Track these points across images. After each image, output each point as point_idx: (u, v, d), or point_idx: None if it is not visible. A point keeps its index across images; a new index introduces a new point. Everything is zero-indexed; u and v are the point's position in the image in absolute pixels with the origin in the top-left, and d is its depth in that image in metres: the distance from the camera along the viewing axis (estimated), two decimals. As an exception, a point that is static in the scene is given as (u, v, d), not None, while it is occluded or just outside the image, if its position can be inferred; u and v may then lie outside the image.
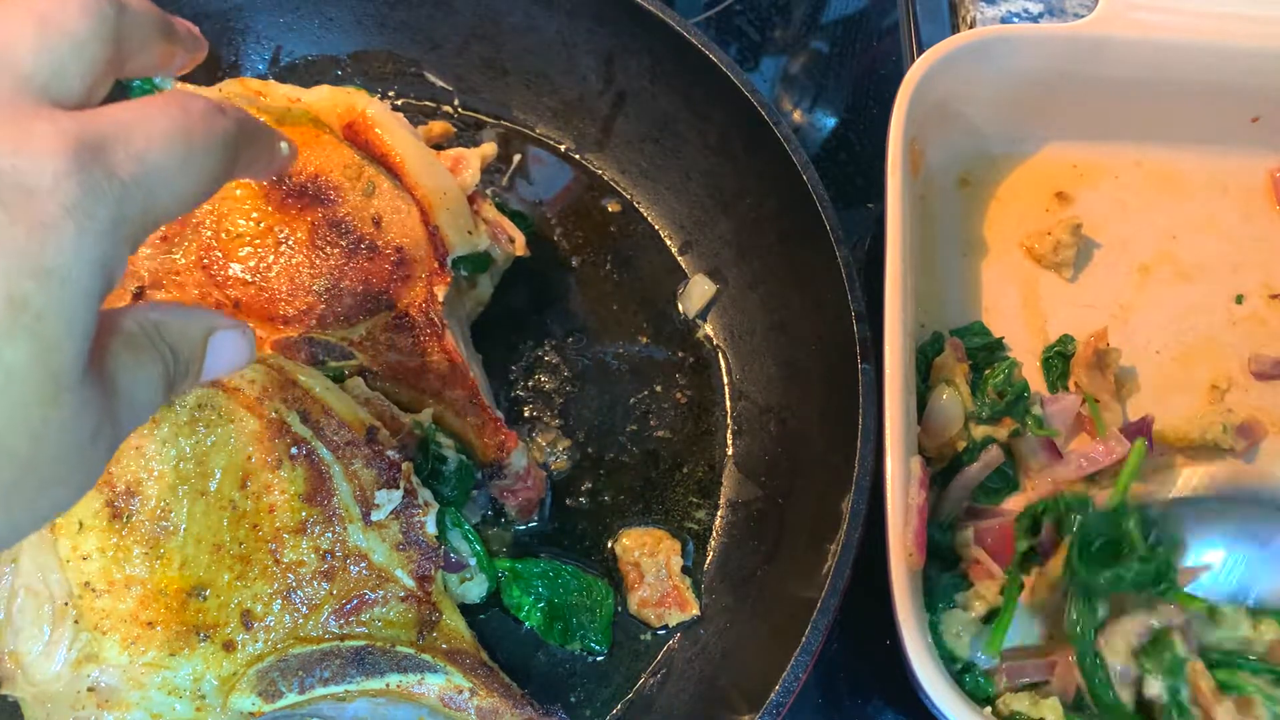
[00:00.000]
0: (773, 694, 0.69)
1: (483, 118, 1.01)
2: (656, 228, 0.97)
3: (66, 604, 0.67)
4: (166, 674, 0.67)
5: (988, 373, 0.89)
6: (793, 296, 0.89)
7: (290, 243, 0.75)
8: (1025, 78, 0.96)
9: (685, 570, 0.84)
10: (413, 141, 0.80)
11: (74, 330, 0.37)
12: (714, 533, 0.86)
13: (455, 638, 0.72)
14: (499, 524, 0.84)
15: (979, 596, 0.79)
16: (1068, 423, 0.88)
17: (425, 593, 0.71)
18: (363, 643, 0.69)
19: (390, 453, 0.70)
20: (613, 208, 0.98)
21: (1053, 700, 0.76)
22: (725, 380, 0.91)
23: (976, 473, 0.84)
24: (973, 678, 0.78)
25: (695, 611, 0.82)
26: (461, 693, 0.70)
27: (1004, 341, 0.93)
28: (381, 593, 0.70)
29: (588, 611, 0.81)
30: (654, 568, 0.82)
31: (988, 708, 0.76)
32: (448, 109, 1.01)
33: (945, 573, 0.82)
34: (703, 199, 0.96)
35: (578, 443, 0.88)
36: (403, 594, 0.70)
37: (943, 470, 0.85)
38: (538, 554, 0.83)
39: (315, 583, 0.68)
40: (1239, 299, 0.96)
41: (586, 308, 0.94)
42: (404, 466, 0.70)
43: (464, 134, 1.00)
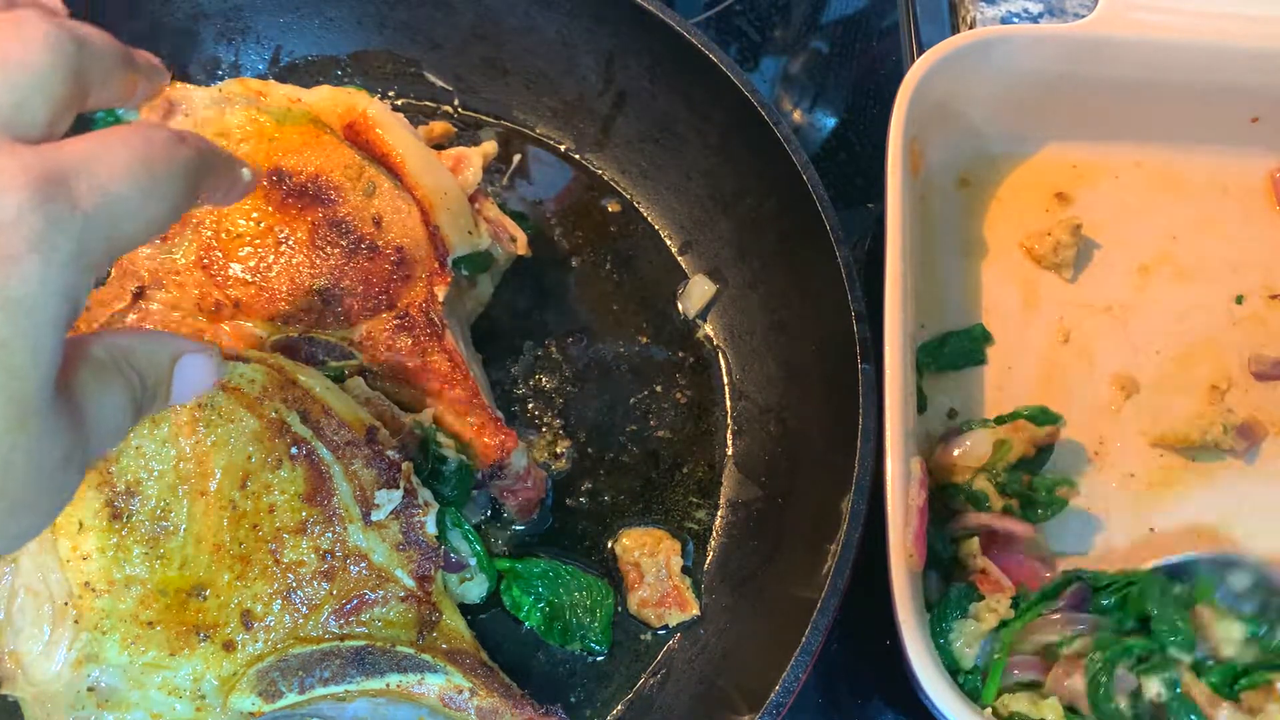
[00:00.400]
0: (773, 694, 0.69)
1: (483, 118, 1.01)
2: (656, 228, 0.98)
3: (66, 604, 0.67)
4: (166, 674, 0.67)
5: (1042, 479, 0.85)
6: (793, 296, 0.89)
7: (290, 242, 0.75)
8: (1025, 78, 0.96)
9: (685, 570, 0.84)
10: (413, 141, 0.80)
11: (39, 359, 0.38)
12: (714, 533, 0.86)
13: (455, 638, 0.72)
14: (499, 524, 0.84)
15: (990, 609, 0.78)
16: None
17: (425, 593, 0.71)
18: (363, 643, 0.69)
19: (390, 453, 0.70)
20: (613, 208, 0.98)
21: (1052, 700, 0.76)
22: (725, 380, 0.91)
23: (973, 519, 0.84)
24: (970, 679, 0.78)
25: (695, 611, 0.82)
26: (461, 693, 0.70)
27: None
28: (381, 593, 0.70)
29: (588, 611, 0.81)
30: (654, 568, 0.82)
31: (987, 709, 0.76)
32: (448, 109, 1.01)
33: (955, 584, 0.81)
34: (703, 199, 0.96)
35: (578, 443, 0.88)
36: (403, 594, 0.70)
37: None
38: (538, 554, 0.83)
39: (315, 583, 0.68)
40: (1239, 299, 0.96)
41: (586, 308, 0.94)
42: (404, 466, 0.70)
43: (464, 134, 1.00)
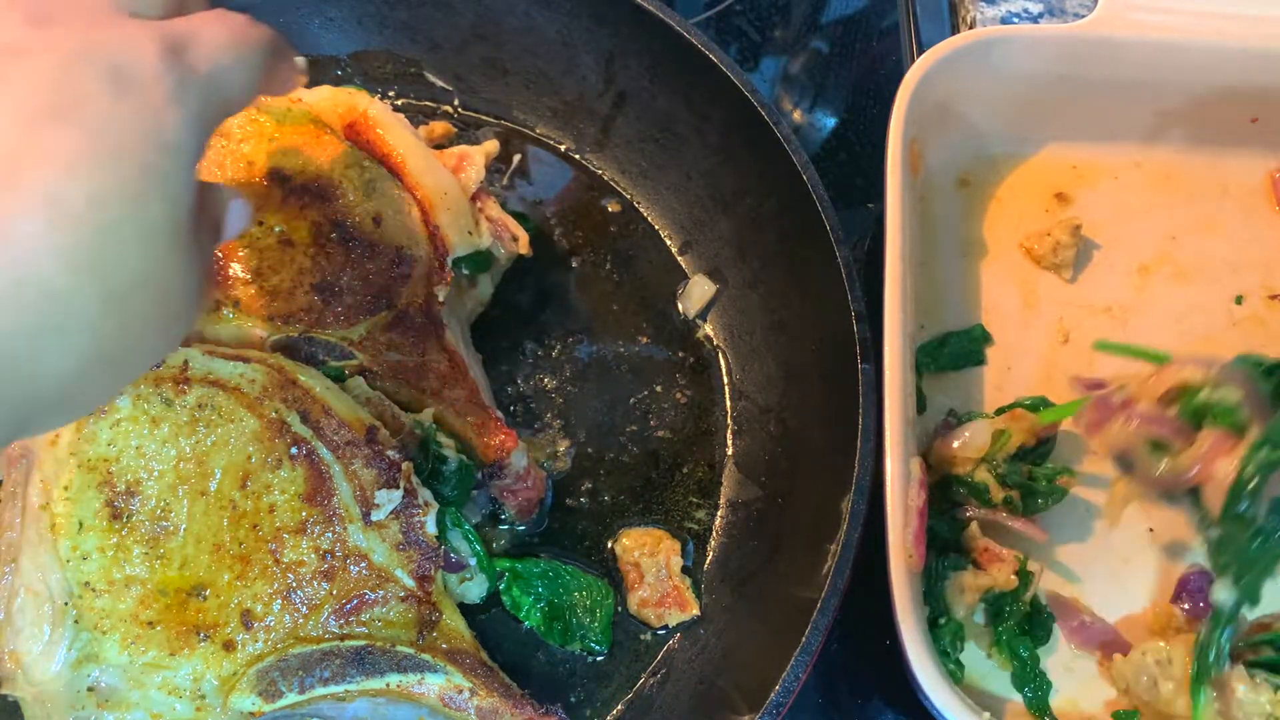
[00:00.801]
0: (773, 694, 0.69)
1: (483, 118, 1.01)
2: (656, 228, 0.98)
3: (66, 604, 0.67)
4: (166, 674, 0.67)
5: (1042, 468, 0.85)
6: (793, 296, 0.89)
7: (290, 242, 0.75)
8: (1025, 78, 0.96)
9: (685, 570, 0.84)
10: (413, 141, 0.80)
11: (189, 187, 0.46)
12: (714, 533, 0.86)
13: (455, 638, 0.72)
14: (499, 524, 0.84)
15: (989, 578, 0.80)
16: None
17: (425, 593, 0.71)
18: (363, 643, 0.69)
19: (390, 453, 0.70)
20: (613, 208, 0.98)
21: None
22: (725, 380, 0.91)
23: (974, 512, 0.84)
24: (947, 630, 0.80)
25: (695, 611, 0.82)
26: (461, 693, 0.70)
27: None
28: (381, 593, 0.70)
29: (588, 611, 0.81)
30: (654, 568, 0.82)
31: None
32: (448, 109, 1.01)
33: (951, 555, 0.83)
34: (703, 199, 0.96)
35: (578, 443, 0.88)
36: (403, 594, 0.70)
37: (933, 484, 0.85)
38: (538, 554, 0.83)
39: (315, 583, 0.68)
40: (1239, 299, 0.96)
41: (586, 308, 0.94)
42: (404, 466, 0.70)
43: (464, 134, 1.00)
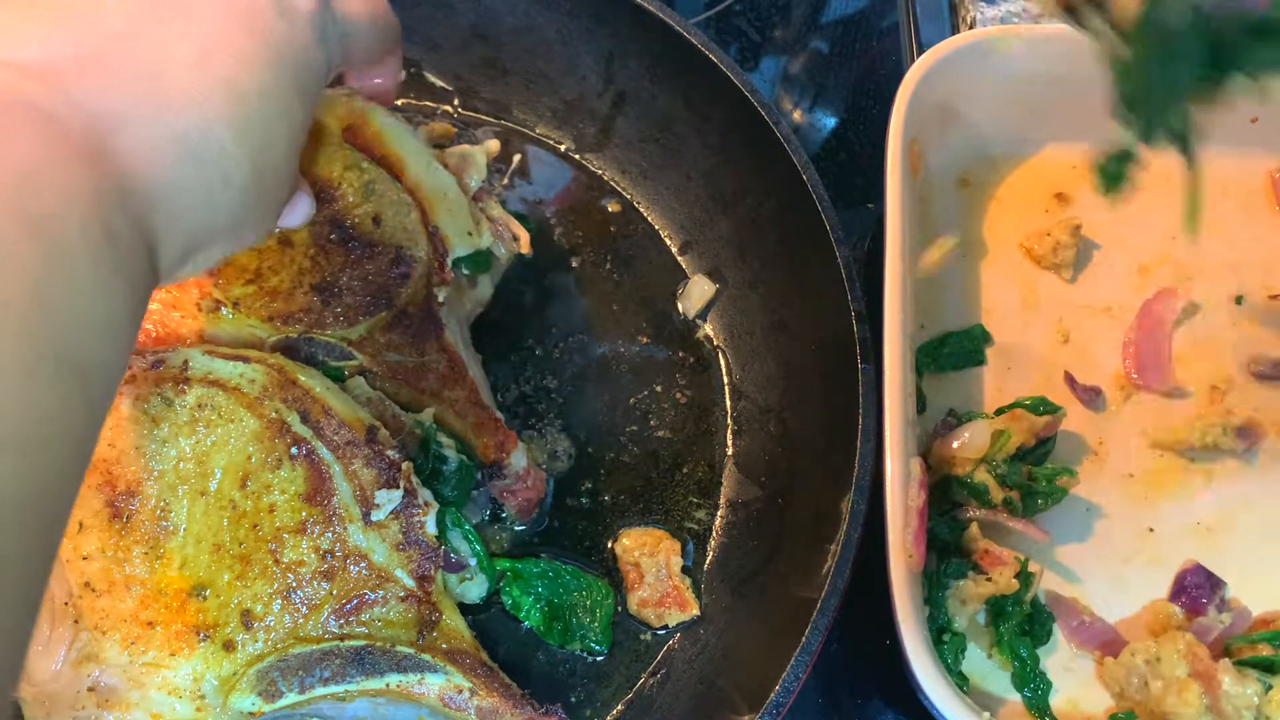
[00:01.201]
0: (773, 694, 0.69)
1: (483, 118, 1.01)
2: (656, 228, 0.98)
3: (66, 604, 0.67)
4: (166, 674, 0.67)
5: (1042, 469, 0.86)
6: (793, 296, 0.89)
7: (290, 242, 0.75)
8: (1025, 78, 0.96)
9: (685, 570, 0.84)
10: (413, 143, 0.80)
11: (309, 116, 0.57)
12: (714, 533, 0.86)
13: (455, 638, 0.72)
14: (499, 524, 0.84)
15: (992, 585, 0.80)
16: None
17: (425, 593, 0.71)
18: (363, 643, 0.69)
19: (390, 452, 0.70)
20: (613, 208, 0.98)
21: None
22: (725, 380, 0.91)
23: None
24: (952, 646, 0.80)
25: (695, 611, 0.82)
26: (461, 693, 0.70)
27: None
28: (381, 593, 0.70)
29: (588, 611, 0.81)
30: (654, 568, 0.82)
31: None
32: (447, 109, 1.01)
33: (952, 559, 0.83)
34: (703, 199, 0.96)
35: (578, 442, 0.88)
36: (403, 594, 0.70)
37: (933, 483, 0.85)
38: (538, 554, 0.83)
39: (315, 582, 0.68)
40: (1239, 299, 0.96)
41: (586, 308, 0.94)
42: (404, 466, 0.70)
43: (464, 134, 1.00)
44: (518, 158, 0.99)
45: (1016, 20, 1.05)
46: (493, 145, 0.88)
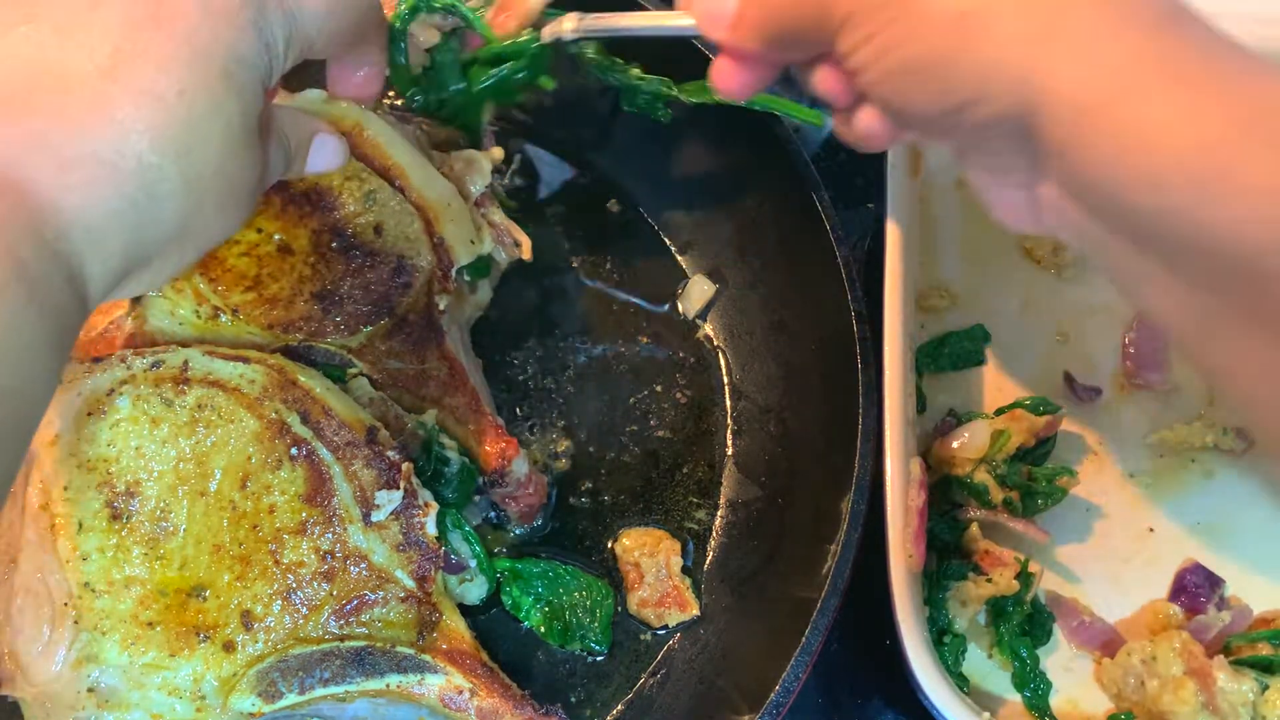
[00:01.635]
0: (773, 694, 0.69)
1: (482, 118, 1.01)
2: (656, 228, 0.97)
3: (66, 604, 0.67)
4: (166, 674, 0.67)
5: (1042, 469, 0.86)
6: (793, 296, 0.89)
7: (290, 250, 0.75)
8: (1025, 78, 0.96)
9: (685, 570, 0.84)
10: (413, 153, 0.80)
11: (259, 99, 0.54)
12: (714, 533, 0.86)
13: (455, 638, 0.72)
14: (499, 525, 0.84)
15: (992, 587, 0.80)
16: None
17: (425, 593, 0.71)
18: (363, 643, 0.69)
19: (390, 453, 0.70)
20: (613, 208, 0.98)
21: None
22: (725, 380, 0.91)
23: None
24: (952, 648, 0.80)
25: (695, 611, 0.82)
26: (461, 693, 0.70)
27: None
28: (381, 593, 0.70)
29: (588, 611, 0.81)
30: (654, 568, 0.82)
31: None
32: (447, 109, 1.01)
33: (952, 560, 0.83)
34: (703, 199, 0.95)
35: (578, 442, 0.88)
36: (403, 595, 0.70)
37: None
38: (538, 554, 0.83)
39: (315, 583, 0.68)
40: (1239, 299, 0.96)
41: (586, 308, 0.94)
42: (404, 467, 0.70)
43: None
44: (518, 158, 0.99)
45: (1016, 20, 1.05)
46: (497, 152, 0.88)
